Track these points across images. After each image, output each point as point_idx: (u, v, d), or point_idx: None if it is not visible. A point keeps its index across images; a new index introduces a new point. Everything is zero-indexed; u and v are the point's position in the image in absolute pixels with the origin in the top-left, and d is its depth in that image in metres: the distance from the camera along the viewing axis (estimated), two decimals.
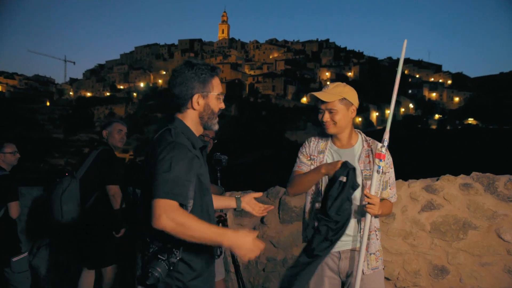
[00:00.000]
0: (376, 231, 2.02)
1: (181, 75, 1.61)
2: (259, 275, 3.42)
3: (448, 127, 73.19)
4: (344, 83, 2.04)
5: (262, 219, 3.47)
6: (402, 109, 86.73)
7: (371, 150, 2.02)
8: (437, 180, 2.90)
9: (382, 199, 2.01)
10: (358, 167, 1.98)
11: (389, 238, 2.93)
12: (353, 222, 1.98)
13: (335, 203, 1.77)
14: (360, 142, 2.07)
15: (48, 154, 67.49)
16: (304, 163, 2.12)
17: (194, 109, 1.64)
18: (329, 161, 2.02)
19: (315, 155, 2.08)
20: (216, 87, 1.67)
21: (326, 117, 1.98)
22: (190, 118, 1.66)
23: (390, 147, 2.01)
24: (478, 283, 2.76)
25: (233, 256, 3.00)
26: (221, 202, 1.98)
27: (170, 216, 1.39)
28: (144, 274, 1.48)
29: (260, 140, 64.06)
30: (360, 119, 77.46)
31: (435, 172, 3.03)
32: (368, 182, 1.94)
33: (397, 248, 2.91)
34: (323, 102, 1.98)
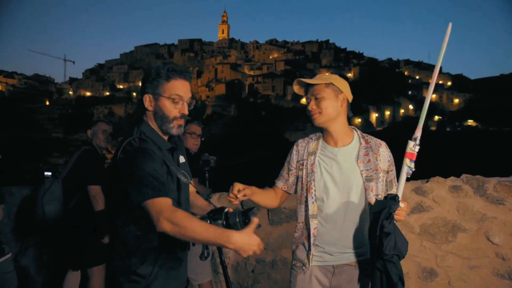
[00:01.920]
0: None
1: (144, 75, 1.62)
2: (248, 276, 3.40)
3: (448, 129, 73.18)
4: (336, 75, 1.88)
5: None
6: (402, 110, 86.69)
7: (371, 148, 1.83)
8: (427, 182, 2.88)
9: None
10: (357, 168, 1.80)
11: None
12: (355, 232, 1.80)
13: (390, 240, 1.53)
14: (356, 139, 1.87)
15: (48, 154, 67.45)
16: (282, 175, 2.03)
17: (148, 109, 1.63)
18: (322, 163, 1.84)
19: (305, 158, 1.88)
20: (172, 90, 1.58)
21: (312, 104, 1.82)
22: (151, 119, 1.64)
23: (390, 149, 1.89)
24: (467, 286, 2.74)
25: (221, 257, 2.96)
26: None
27: (167, 216, 1.38)
28: None
29: (260, 141, 64.00)
30: (359, 120, 77.41)
31: (430, 173, 3.00)
32: (370, 184, 1.77)
33: None
34: (308, 87, 1.84)
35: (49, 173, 3.15)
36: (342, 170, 1.82)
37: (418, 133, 1.60)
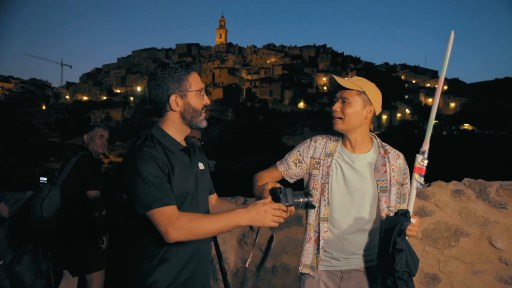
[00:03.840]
0: None
1: (155, 77, 1.54)
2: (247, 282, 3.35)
3: (444, 133, 73.51)
4: (372, 83, 1.80)
5: (250, 226, 3.40)
6: (399, 114, 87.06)
7: (388, 159, 1.77)
8: (429, 186, 2.85)
9: None
10: (373, 177, 1.76)
11: None
12: (363, 241, 1.77)
13: (402, 257, 1.50)
14: (375, 147, 1.82)
15: (44, 158, 67.18)
16: (287, 161, 1.92)
17: (174, 110, 1.56)
18: (338, 167, 1.78)
19: (322, 158, 1.81)
20: (195, 84, 1.58)
21: (337, 105, 1.76)
22: (171, 121, 1.58)
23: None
24: None
25: (220, 263, 2.92)
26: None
27: (176, 224, 1.37)
28: None
29: (257, 145, 64.03)
30: None
31: (430, 177, 2.99)
32: (384, 195, 1.74)
33: None
34: (339, 89, 1.77)
35: (45, 179, 3.11)
36: (357, 177, 1.78)
37: (426, 146, 1.54)
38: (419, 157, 1.55)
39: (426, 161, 1.55)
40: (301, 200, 1.50)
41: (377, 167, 1.77)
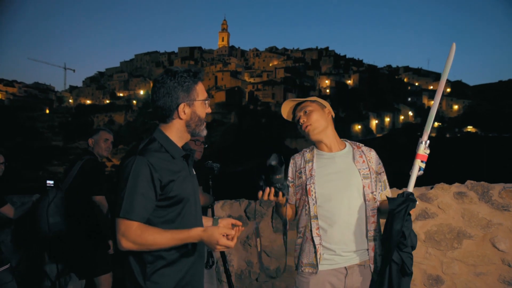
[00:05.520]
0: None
1: (164, 85, 1.56)
2: (252, 285, 3.37)
3: (448, 135, 73.24)
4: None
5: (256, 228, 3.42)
6: (402, 117, 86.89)
7: (363, 152, 1.97)
8: (431, 188, 2.87)
9: (383, 201, 1.96)
10: (354, 166, 1.91)
11: None
12: (360, 234, 1.85)
13: (410, 234, 1.69)
14: (348, 145, 2.02)
15: (47, 162, 67.41)
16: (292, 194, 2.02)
17: (180, 118, 1.60)
18: (320, 166, 1.92)
19: (303, 166, 1.96)
20: (201, 93, 1.63)
21: (303, 118, 1.96)
22: (176, 128, 1.62)
23: (389, 155, 1.95)
24: None
25: (225, 265, 2.96)
26: None
27: (130, 238, 1.43)
28: None
29: (260, 148, 63.99)
30: (359, 126, 77.52)
31: (433, 180, 3.00)
32: (367, 182, 1.88)
33: None
34: (294, 110, 2.03)
35: (52, 182, 3.13)
36: (340, 169, 1.91)
37: (425, 136, 1.73)
38: (421, 145, 1.73)
39: (428, 150, 1.73)
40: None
41: (356, 159, 1.94)
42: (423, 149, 1.73)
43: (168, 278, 1.54)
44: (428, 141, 1.74)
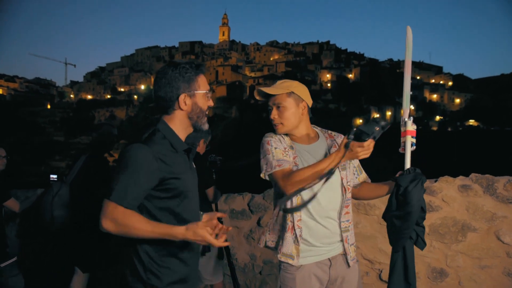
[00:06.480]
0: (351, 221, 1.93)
1: (165, 76, 1.57)
2: (255, 278, 3.38)
3: (449, 129, 73.11)
4: (294, 80, 1.93)
5: (258, 221, 3.43)
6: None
7: (335, 141, 1.92)
8: (436, 181, 2.86)
9: (362, 182, 1.98)
10: None
11: (387, 241, 2.88)
12: (336, 224, 1.84)
13: (424, 208, 1.72)
14: (321, 135, 1.95)
15: (49, 157, 67.59)
16: (284, 159, 1.80)
17: (181, 109, 1.60)
18: (301, 156, 1.83)
19: (287, 149, 1.86)
20: (203, 85, 1.63)
21: (274, 113, 1.87)
22: (179, 119, 1.62)
23: (389, 149, 1.93)
24: (477, 286, 2.72)
25: (229, 259, 2.96)
26: None
27: (114, 218, 1.41)
28: None
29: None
30: (361, 120, 77.34)
31: (436, 173, 2.99)
32: (344, 173, 1.85)
33: None
34: (270, 97, 1.88)
35: (55, 176, 3.14)
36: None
37: (406, 114, 1.78)
38: (408, 122, 1.76)
39: (415, 126, 1.76)
40: (376, 128, 1.55)
41: (331, 150, 1.88)
42: (411, 125, 1.75)
43: (169, 270, 1.55)
44: (412, 117, 1.77)
